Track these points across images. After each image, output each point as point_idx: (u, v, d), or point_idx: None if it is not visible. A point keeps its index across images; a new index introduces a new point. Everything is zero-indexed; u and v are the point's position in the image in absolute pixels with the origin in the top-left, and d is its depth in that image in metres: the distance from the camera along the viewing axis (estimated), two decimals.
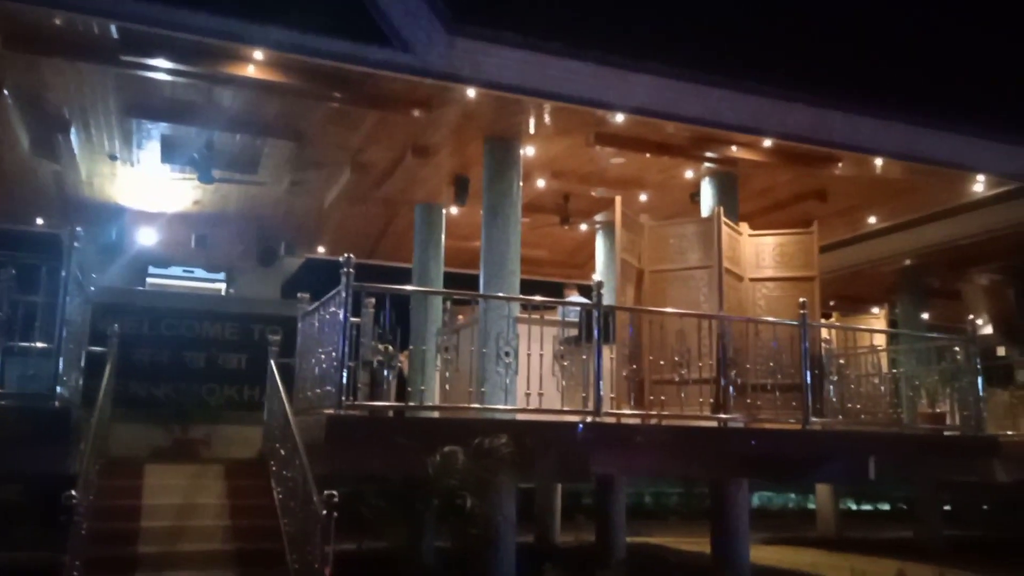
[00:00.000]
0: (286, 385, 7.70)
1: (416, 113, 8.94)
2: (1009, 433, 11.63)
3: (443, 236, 12.10)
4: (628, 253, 9.07)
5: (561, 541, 13.05)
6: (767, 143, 9.50)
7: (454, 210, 11.98)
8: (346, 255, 6.63)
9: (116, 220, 12.94)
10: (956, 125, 9.85)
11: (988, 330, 20.44)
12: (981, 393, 9.24)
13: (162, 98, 8.98)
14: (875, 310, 17.36)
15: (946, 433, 9.52)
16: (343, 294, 6.55)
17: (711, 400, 8.28)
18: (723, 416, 8.13)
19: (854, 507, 20.91)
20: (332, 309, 6.85)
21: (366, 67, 7.99)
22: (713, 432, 8.16)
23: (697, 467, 8.96)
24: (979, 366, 9.24)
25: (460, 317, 10.62)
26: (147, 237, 13.54)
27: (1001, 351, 18.91)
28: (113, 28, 7.38)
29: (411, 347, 10.23)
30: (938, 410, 9.63)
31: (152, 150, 10.58)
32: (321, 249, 14.90)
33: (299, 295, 8.22)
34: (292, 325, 8.25)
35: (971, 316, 9.81)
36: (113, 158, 10.83)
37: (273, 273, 14.60)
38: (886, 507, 21.16)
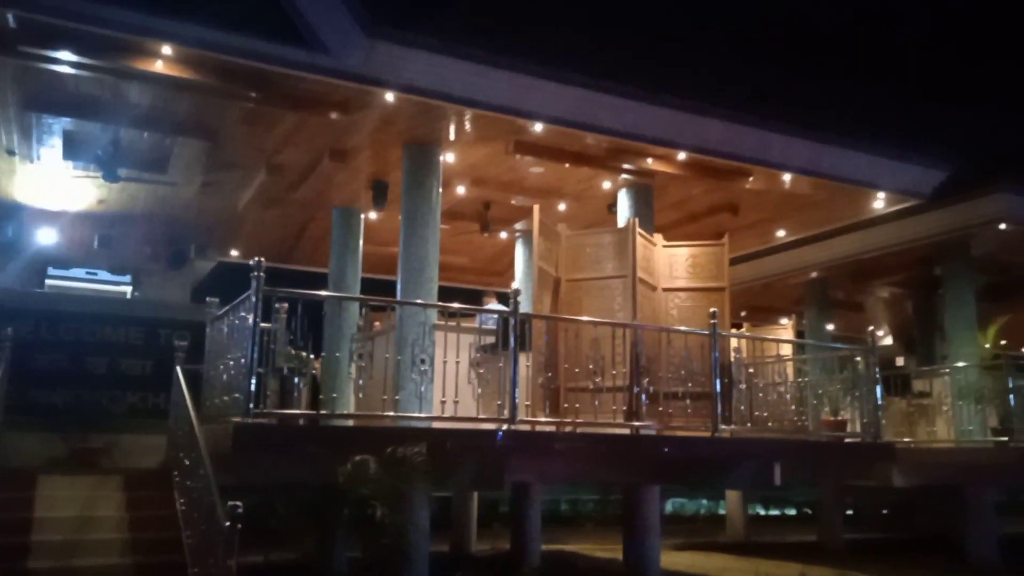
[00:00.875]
0: (193, 392, 7.44)
1: (334, 116, 8.82)
2: (906, 440, 12.19)
3: (361, 241, 11.96)
4: (545, 261, 9.13)
5: (476, 549, 13.01)
6: (682, 156, 9.74)
7: (373, 215, 11.84)
8: (256, 259, 6.46)
9: (12, 218, 12.31)
10: (858, 144, 10.30)
11: (889, 341, 21.40)
12: (880, 401, 9.64)
13: (65, 92, 8.59)
14: (784, 321, 17.96)
15: (847, 440, 9.87)
16: (253, 299, 6.38)
17: (624, 408, 8.39)
18: (636, 423, 8.25)
19: (762, 512, 21.53)
20: (242, 314, 6.66)
21: (282, 67, 7.83)
22: (626, 439, 8.26)
23: (611, 473, 9.09)
24: (878, 375, 9.64)
25: (377, 324, 10.50)
26: (47, 237, 12.92)
27: (900, 361, 19.81)
28: (10, 17, 7.03)
29: (324, 354, 10.05)
30: (840, 418, 9.98)
31: (54, 146, 10.11)
32: (234, 252, 14.51)
33: (208, 299, 7.97)
34: (201, 330, 7.99)
35: (871, 327, 10.22)
36: (11, 153, 10.30)
37: (183, 276, 14.12)
38: (792, 512, 21.86)
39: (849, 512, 20.26)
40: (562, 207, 11.80)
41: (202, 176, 11.01)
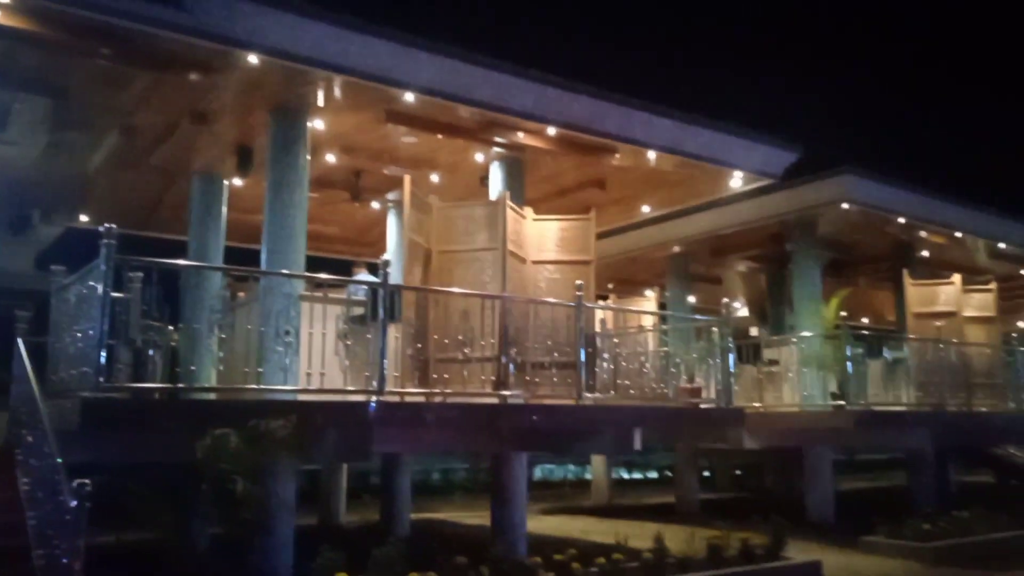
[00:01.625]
0: (38, 366, 7.01)
1: (193, 77, 8.41)
2: (756, 405, 13.01)
3: (224, 209, 11.48)
4: (416, 233, 9.10)
5: (346, 521, 12.95)
6: (551, 131, 9.89)
7: (237, 181, 11.40)
8: (107, 225, 6.13)
9: None
10: (716, 124, 10.76)
11: (745, 312, 22.62)
12: (732, 369, 10.23)
13: None
14: (648, 293, 18.66)
15: (702, 406, 10.43)
16: (103, 267, 6.06)
17: (492, 378, 8.53)
18: (504, 393, 8.41)
19: (626, 476, 22.43)
20: (91, 283, 6.31)
21: (135, 23, 7.38)
22: (494, 408, 8.41)
23: (479, 442, 9.24)
24: (731, 345, 10.22)
25: (241, 294, 10.18)
26: None
27: (754, 332, 20.99)
28: None
29: (181, 325, 9.66)
30: (695, 385, 10.53)
31: None
32: (84, 218, 13.62)
33: (53, 268, 7.49)
34: (46, 300, 7.51)
35: (726, 299, 10.80)
36: None
37: (25, 243, 13.18)
38: (654, 475, 22.88)
39: (706, 474, 21.45)
40: (435, 178, 11.75)
41: (48, 136, 10.25)
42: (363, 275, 10.26)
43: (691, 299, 18.46)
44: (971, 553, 10.02)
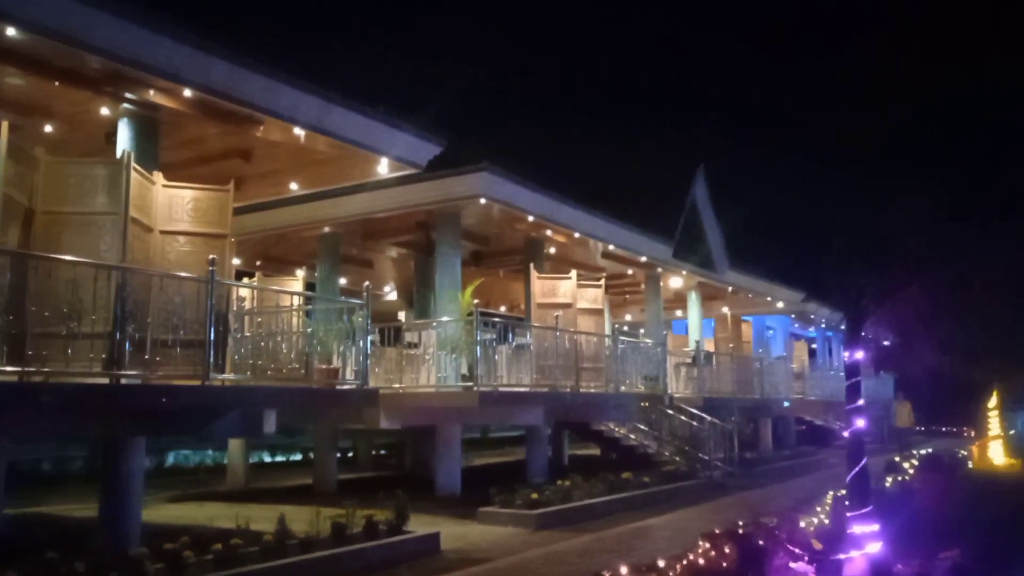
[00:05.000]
0: None
1: None
2: (396, 386, 13.45)
3: None
4: (15, 188, 7.91)
5: None
6: (188, 93, 9.22)
7: None
8: None
9: None
10: (362, 108, 10.78)
11: (394, 297, 23.27)
12: (368, 350, 10.43)
13: None
14: (300, 273, 18.38)
15: (340, 387, 10.51)
16: None
17: (104, 356, 7.77)
18: (117, 372, 7.70)
19: (268, 459, 21.93)
20: None
21: None
22: (105, 389, 7.67)
23: (88, 427, 8.41)
24: (370, 327, 10.41)
25: None
26: None
27: (403, 315, 21.70)
28: None
29: None
30: (333, 366, 10.58)
31: None
32: None
33: None
34: None
35: (367, 283, 10.95)
36: None
37: None
38: (299, 457, 22.64)
39: (350, 455, 21.73)
40: (50, 128, 10.38)
41: None
42: None
43: (343, 281, 18.52)
44: (570, 517, 11.33)
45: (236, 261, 16.11)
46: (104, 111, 9.82)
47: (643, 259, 20.26)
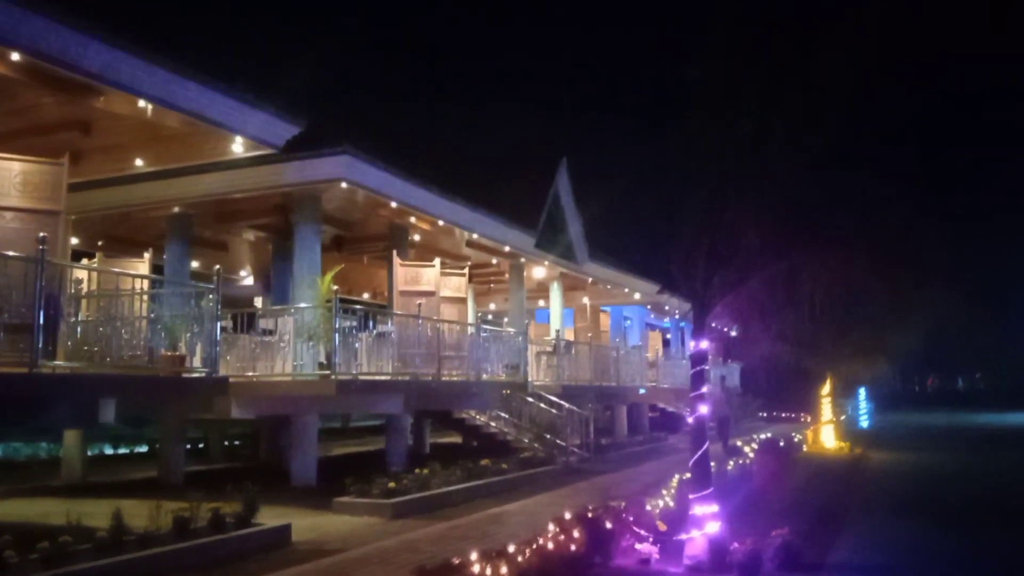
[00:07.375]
0: None
1: None
2: (249, 374, 12.96)
3: None
4: None
5: None
6: (16, 56, 8.44)
7: None
8: None
9: None
10: (213, 83, 10.20)
11: (250, 282, 22.44)
12: (218, 337, 10.00)
13: None
14: (147, 255, 17.35)
15: (187, 375, 10.03)
16: None
17: None
18: None
19: (111, 451, 20.68)
20: None
21: None
22: None
23: None
24: (219, 313, 9.97)
25: None
26: None
27: (259, 301, 20.97)
28: None
29: None
30: (179, 353, 10.07)
31: None
32: None
33: None
34: None
35: (217, 267, 10.49)
36: None
37: None
38: (145, 448, 21.47)
39: (201, 446, 20.79)
40: None
41: None
42: None
43: (195, 264, 17.66)
44: (427, 505, 11.29)
45: (74, 240, 15.16)
46: None
47: (507, 249, 20.43)
